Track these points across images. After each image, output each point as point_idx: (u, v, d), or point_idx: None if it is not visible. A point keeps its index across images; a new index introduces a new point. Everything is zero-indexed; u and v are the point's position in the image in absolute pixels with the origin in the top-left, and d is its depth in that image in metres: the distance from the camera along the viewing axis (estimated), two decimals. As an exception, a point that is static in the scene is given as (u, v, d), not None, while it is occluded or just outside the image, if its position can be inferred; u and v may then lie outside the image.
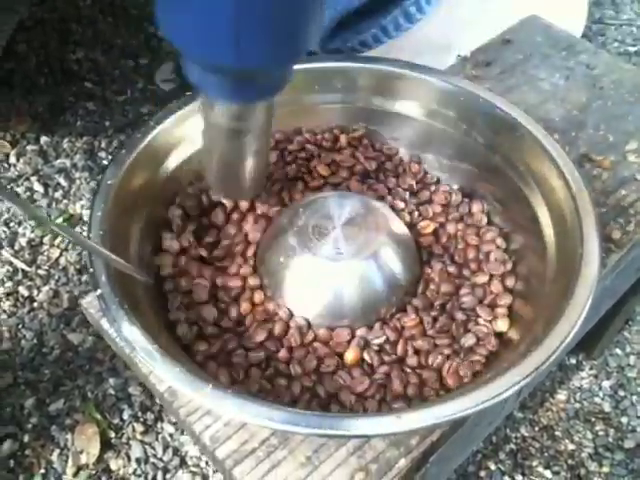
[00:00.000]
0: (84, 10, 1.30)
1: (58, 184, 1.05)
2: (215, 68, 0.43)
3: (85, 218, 1.00)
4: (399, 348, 0.51)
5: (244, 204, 0.59)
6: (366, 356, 0.51)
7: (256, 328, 0.52)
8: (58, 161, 1.08)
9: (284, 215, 0.57)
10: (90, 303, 0.55)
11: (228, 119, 0.48)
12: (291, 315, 0.53)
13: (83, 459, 0.78)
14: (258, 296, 0.54)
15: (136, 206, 0.54)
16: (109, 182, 0.52)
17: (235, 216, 0.59)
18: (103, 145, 1.10)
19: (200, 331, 0.52)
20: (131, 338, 0.44)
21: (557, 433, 0.83)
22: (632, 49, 1.30)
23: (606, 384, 0.88)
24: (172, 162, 0.58)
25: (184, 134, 0.58)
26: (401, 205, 0.60)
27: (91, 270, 0.47)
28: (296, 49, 0.43)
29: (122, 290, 0.47)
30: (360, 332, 0.52)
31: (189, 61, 0.44)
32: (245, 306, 0.53)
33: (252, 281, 0.55)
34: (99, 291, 0.46)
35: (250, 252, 0.57)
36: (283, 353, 0.51)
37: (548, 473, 0.80)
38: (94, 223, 0.50)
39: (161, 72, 1.21)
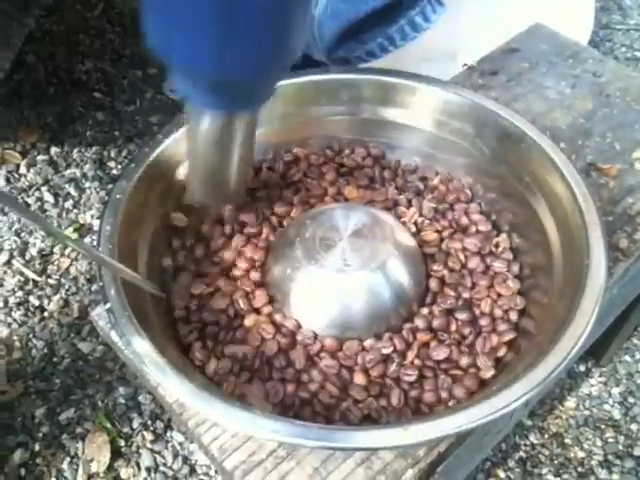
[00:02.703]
0: (92, 21, 1.31)
1: (68, 194, 1.06)
2: (199, 79, 0.45)
3: (95, 228, 1.01)
4: (408, 358, 0.52)
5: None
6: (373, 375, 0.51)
7: (263, 341, 0.52)
8: (68, 171, 1.09)
9: (291, 227, 0.57)
10: (100, 315, 0.55)
11: (213, 128, 0.50)
12: (299, 327, 0.53)
13: (93, 468, 0.79)
14: (266, 309, 0.54)
15: (145, 220, 0.55)
16: (118, 196, 0.52)
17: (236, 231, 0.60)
18: (113, 155, 1.11)
19: (211, 346, 0.52)
20: (140, 351, 0.44)
21: (567, 440, 0.83)
22: (640, 54, 1.30)
23: (615, 391, 0.87)
24: (180, 175, 0.58)
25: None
26: (407, 215, 0.60)
27: (101, 283, 0.48)
28: (277, 63, 0.45)
29: (131, 303, 0.47)
30: (368, 343, 0.52)
31: (175, 73, 0.47)
32: (252, 319, 0.53)
33: (259, 294, 0.55)
34: (108, 304, 0.46)
35: (257, 265, 0.57)
36: (291, 365, 0.51)
37: (558, 481, 0.80)
38: (103, 237, 0.50)
39: (170, 82, 1.22)
